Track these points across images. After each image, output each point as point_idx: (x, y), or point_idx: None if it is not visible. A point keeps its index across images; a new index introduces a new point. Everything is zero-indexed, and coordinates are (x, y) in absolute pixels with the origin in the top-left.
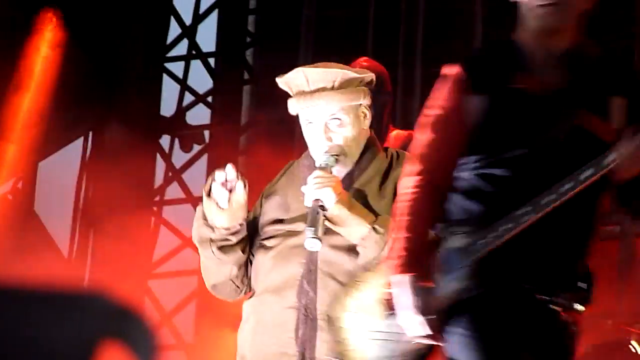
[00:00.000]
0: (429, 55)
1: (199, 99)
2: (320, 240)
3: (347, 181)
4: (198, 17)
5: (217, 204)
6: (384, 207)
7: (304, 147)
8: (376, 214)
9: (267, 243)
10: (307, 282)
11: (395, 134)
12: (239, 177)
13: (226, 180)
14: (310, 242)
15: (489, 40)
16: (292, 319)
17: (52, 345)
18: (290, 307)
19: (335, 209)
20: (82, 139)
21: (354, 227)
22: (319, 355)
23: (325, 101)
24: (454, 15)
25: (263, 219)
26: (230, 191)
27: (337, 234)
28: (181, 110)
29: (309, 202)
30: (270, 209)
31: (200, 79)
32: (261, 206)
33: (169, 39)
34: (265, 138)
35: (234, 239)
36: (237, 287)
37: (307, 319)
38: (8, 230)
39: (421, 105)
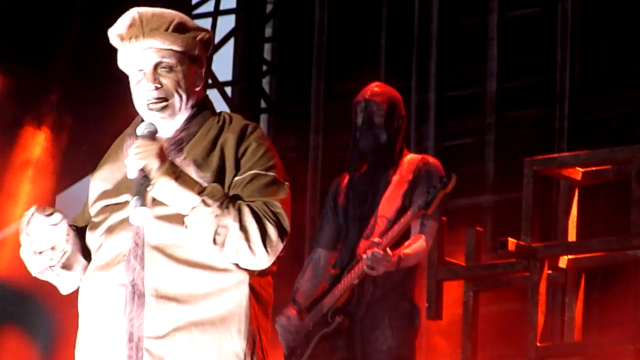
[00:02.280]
0: (443, 80)
1: None
2: (149, 210)
3: (175, 146)
4: (214, 47)
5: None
6: (209, 178)
7: (319, 175)
8: (202, 185)
9: (95, 219)
10: (134, 257)
11: (410, 158)
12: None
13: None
14: (137, 213)
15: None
16: (121, 297)
17: None
18: (119, 285)
19: (160, 180)
20: None
21: (182, 199)
22: (147, 333)
23: (158, 42)
24: (468, 38)
25: (91, 198)
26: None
27: (162, 203)
28: None
29: (132, 174)
30: (96, 185)
31: (218, 108)
32: (89, 187)
33: None
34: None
35: (69, 247)
36: None
37: (135, 295)
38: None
39: (436, 130)
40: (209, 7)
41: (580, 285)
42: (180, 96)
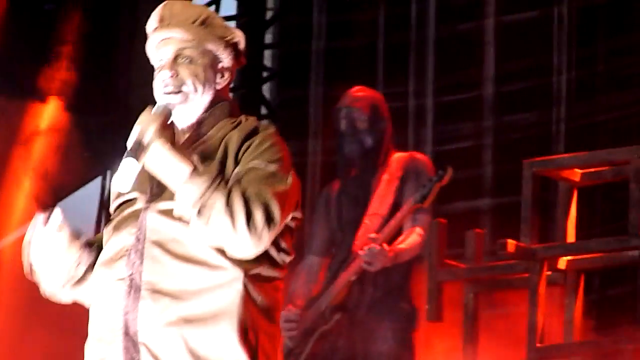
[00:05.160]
0: (440, 84)
1: None
2: (138, 162)
3: (186, 144)
4: None
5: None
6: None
7: (318, 179)
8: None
9: (112, 217)
10: (134, 252)
11: (397, 156)
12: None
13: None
14: (124, 162)
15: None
16: (121, 292)
17: None
18: (119, 279)
19: (154, 144)
20: (100, 178)
21: (173, 168)
22: (142, 327)
23: (181, 33)
24: (465, 43)
25: (111, 199)
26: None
27: (165, 199)
28: None
29: (133, 138)
30: (114, 186)
31: None
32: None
33: None
34: None
35: (80, 271)
36: None
37: (131, 289)
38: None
39: (434, 134)
40: None
41: (580, 286)
42: (196, 88)
